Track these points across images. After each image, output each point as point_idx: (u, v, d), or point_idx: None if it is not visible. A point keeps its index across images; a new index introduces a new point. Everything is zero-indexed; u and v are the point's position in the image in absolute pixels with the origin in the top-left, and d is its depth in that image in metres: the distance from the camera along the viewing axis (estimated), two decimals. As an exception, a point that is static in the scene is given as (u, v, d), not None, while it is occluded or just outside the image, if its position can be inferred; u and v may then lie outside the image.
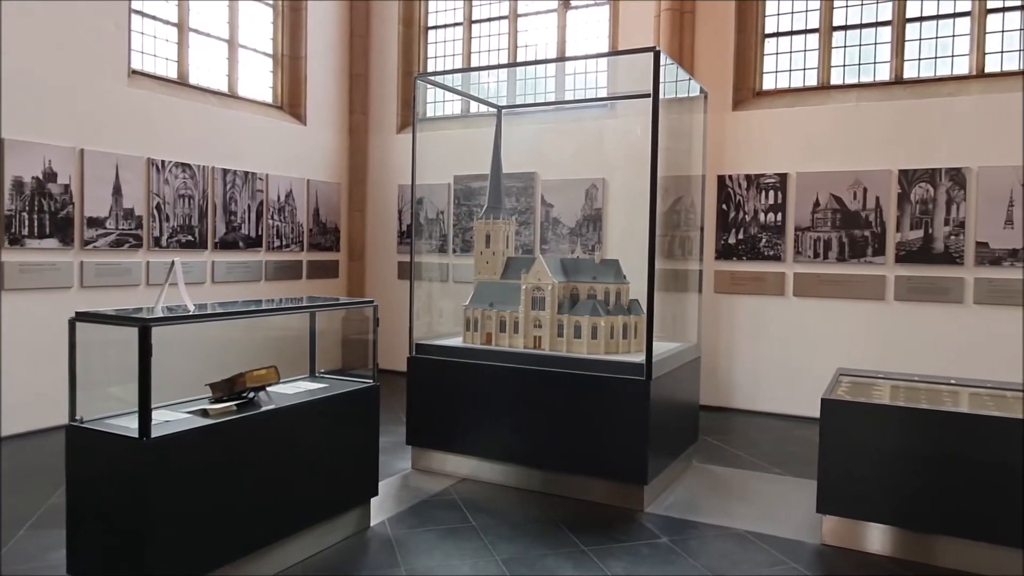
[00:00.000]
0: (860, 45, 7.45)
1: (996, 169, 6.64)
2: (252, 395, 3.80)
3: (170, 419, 3.35)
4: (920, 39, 7.20)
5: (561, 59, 8.91)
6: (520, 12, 9.07)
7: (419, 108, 6.79)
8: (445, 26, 9.62)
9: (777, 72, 7.82)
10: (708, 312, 7.46)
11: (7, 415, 6.07)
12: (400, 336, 5.99)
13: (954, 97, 6.88)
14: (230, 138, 8.18)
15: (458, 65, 9.47)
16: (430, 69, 9.65)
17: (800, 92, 7.67)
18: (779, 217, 7.54)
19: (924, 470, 3.96)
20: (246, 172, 8.35)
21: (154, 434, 3.08)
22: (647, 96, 4.76)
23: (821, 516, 4.30)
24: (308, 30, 9.18)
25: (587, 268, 5.41)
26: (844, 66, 7.53)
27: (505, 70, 8.48)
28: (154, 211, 7.34)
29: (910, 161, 6.99)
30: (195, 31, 8.05)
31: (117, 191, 6.98)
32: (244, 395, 3.75)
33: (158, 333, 3.07)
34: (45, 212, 6.43)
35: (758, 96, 7.83)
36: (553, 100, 8.81)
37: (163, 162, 7.40)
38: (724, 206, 7.79)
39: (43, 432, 6.24)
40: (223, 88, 8.40)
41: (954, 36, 7.06)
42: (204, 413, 3.47)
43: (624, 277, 5.33)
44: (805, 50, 7.69)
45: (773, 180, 7.56)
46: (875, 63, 7.38)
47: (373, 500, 4.48)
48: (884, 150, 7.09)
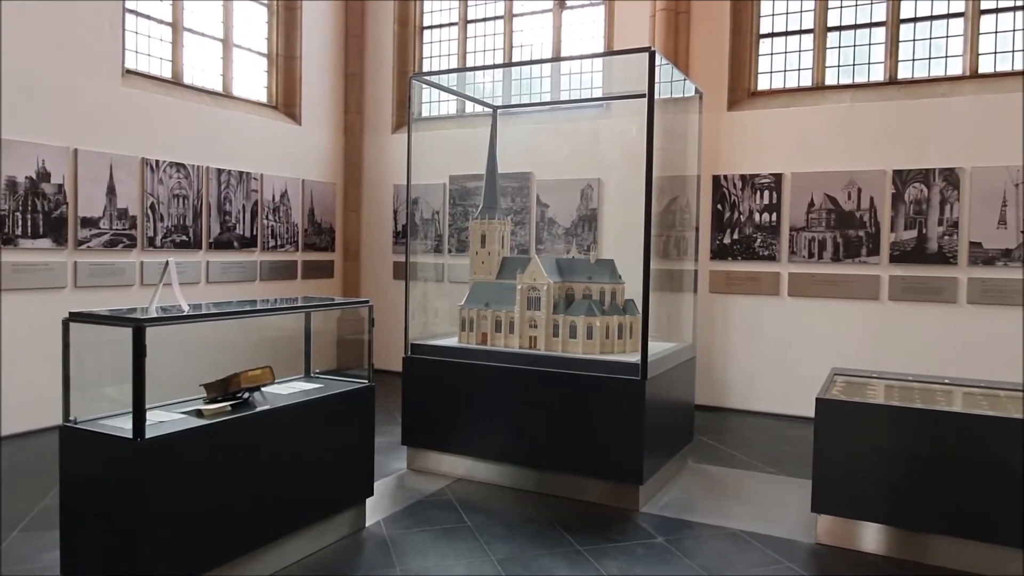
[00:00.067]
0: (854, 46, 7.47)
1: (989, 169, 6.67)
2: (247, 395, 3.79)
3: (164, 420, 3.34)
4: (914, 40, 7.22)
5: (556, 59, 8.91)
6: (515, 12, 9.07)
7: (414, 108, 6.80)
8: (440, 26, 9.62)
9: (772, 72, 7.84)
10: (703, 312, 7.47)
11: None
12: (395, 336, 5.98)
13: (948, 98, 6.91)
14: (225, 138, 8.16)
15: (453, 65, 9.46)
16: (425, 69, 9.64)
17: (795, 92, 7.69)
18: (774, 217, 7.55)
19: (918, 469, 3.98)
20: (241, 172, 8.33)
21: (148, 435, 3.07)
22: (642, 96, 4.77)
23: (816, 515, 4.32)
24: (303, 30, 9.16)
25: (582, 268, 5.41)
26: (839, 67, 7.56)
27: (500, 70, 8.48)
28: (148, 211, 7.31)
29: (904, 161, 7.02)
30: (189, 30, 8.03)
31: (111, 191, 6.96)
32: (239, 395, 3.74)
33: (152, 333, 3.06)
34: (38, 212, 6.40)
35: (753, 96, 7.85)
36: (549, 100, 8.81)
37: (157, 162, 7.38)
38: (719, 206, 7.80)
39: (36, 433, 6.21)
40: (218, 88, 8.38)
41: (948, 37, 7.09)
42: (199, 414, 3.46)
43: (619, 277, 5.33)
44: (800, 50, 7.71)
45: (768, 180, 7.58)
46: (869, 64, 7.41)
47: (368, 500, 4.47)
48: (878, 150, 7.11)
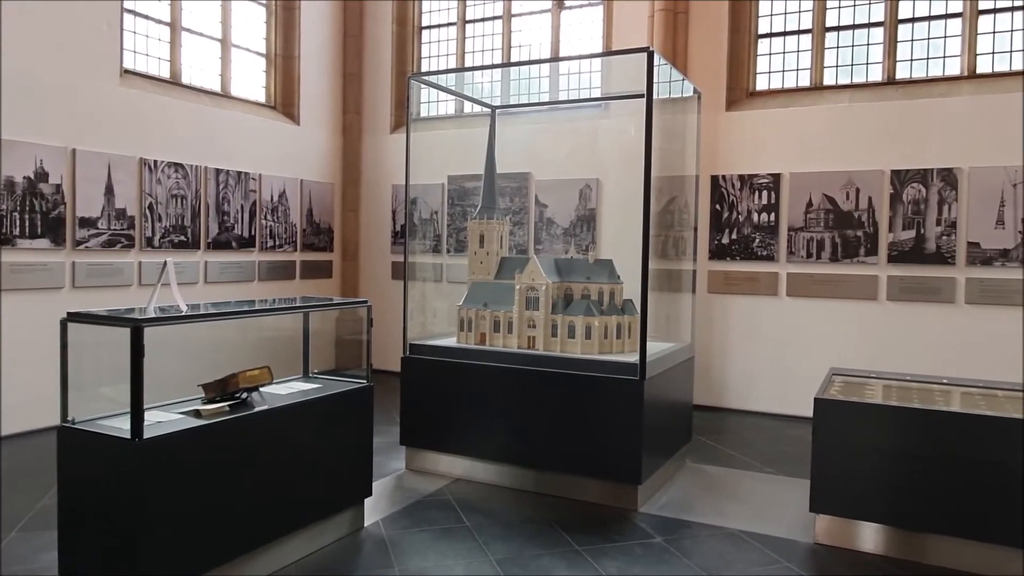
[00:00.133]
0: (853, 46, 7.48)
1: (987, 169, 6.68)
2: (245, 396, 3.78)
3: (162, 420, 3.34)
4: (912, 40, 7.23)
5: (555, 59, 8.91)
6: (514, 12, 9.07)
7: (413, 108, 6.79)
8: (439, 26, 9.61)
9: (770, 73, 7.84)
10: (702, 312, 7.47)
11: (-2, 416, 6.05)
12: (394, 336, 5.98)
13: (946, 98, 6.91)
14: (223, 138, 8.15)
15: (452, 65, 9.46)
16: (424, 69, 9.64)
17: (793, 93, 7.69)
18: (772, 217, 7.56)
19: (917, 469, 3.98)
20: (239, 172, 8.32)
21: (146, 435, 3.07)
22: (641, 96, 4.76)
23: (814, 515, 4.32)
24: (301, 30, 9.16)
25: (581, 268, 5.41)
26: (837, 67, 7.56)
27: (499, 70, 8.48)
28: (146, 211, 7.31)
29: (902, 161, 7.02)
30: (188, 30, 8.02)
31: (109, 191, 6.95)
32: (237, 396, 3.73)
33: (150, 334, 3.06)
34: (36, 212, 6.39)
35: (751, 96, 7.85)
36: (547, 100, 8.81)
37: (155, 162, 7.37)
38: (717, 206, 7.81)
39: (34, 433, 6.20)
40: (216, 88, 8.37)
41: (946, 37, 7.10)
42: (197, 414, 3.46)
43: (618, 277, 5.33)
44: (798, 51, 7.72)
45: (766, 180, 7.58)
46: (867, 64, 7.41)
47: (367, 500, 4.47)
48: (876, 150, 7.12)
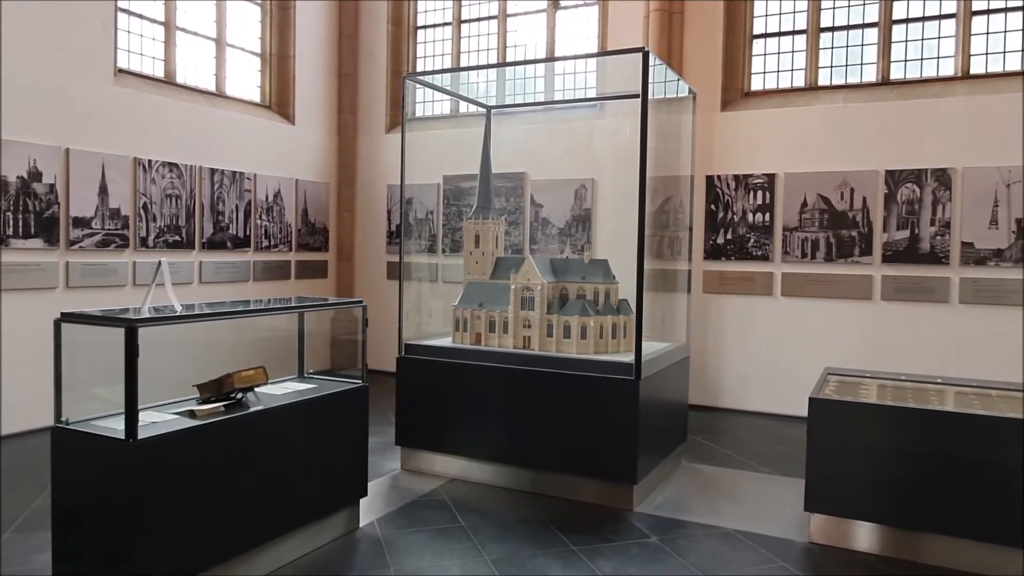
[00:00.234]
0: (847, 46, 7.50)
1: (981, 170, 6.71)
2: (240, 396, 3.78)
3: (157, 420, 3.33)
4: (906, 41, 7.25)
5: (550, 59, 8.91)
6: (509, 12, 9.07)
7: (408, 108, 6.78)
8: (434, 26, 9.61)
9: (765, 73, 7.86)
10: (697, 312, 7.48)
11: (-9, 417, 6.02)
12: (389, 336, 5.97)
13: (940, 98, 6.94)
14: (218, 137, 8.13)
15: (447, 65, 9.46)
16: (419, 69, 9.63)
17: (788, 93, 7.71)
18: (767, 217, 7.57)
19: (911, 468, 3.99)
20: (234, 172, 8.30)
21: (141, 435, 3.06)
22: (636, 96, 4.77)
23: (809, 515, 4.33)
24: (297, 29, 9.14)
25: (576, 268, 5.41)
26: (831, 67, 7.58)
27: (494, 70, 8.48)
28: (141, 211, 7.28)
29: (896, 162, 7.05)
30: (182, 30, 8.00)
31: (103, 191, 6.92)
32: (232, 396, 3.72)
33: (145, 334, 3.05)
34: (30, 212, 6.37)
35: (746, 97, 7.87)
36: (542, 100, 8.81)
37: (150, 162, 7.35)
38: (713, 206, 7.82)
39: (28, 434, 6.18)
40: (211, 87, 8.35)
41: (939, 38, 7.12)
42: (191, 414, 3.45)
43: (613, 277, 5.33)
44: (793, 51, 7.73)
45: (761, 180, 7.60)
46: (862, 64, 7.43)
47: (362, 501, 4.46)
48: (871, 151, 7.14)
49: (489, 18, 9.21)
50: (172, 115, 7.62)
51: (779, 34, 7.79)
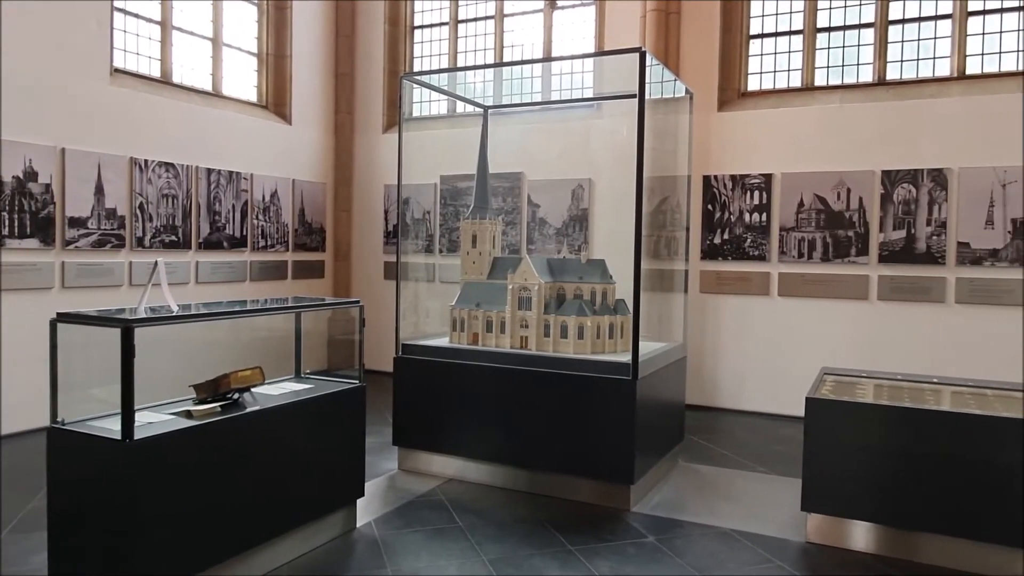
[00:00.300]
0: (844, 47, 7.51)
1: (977, 170, 6.72)
2: (237, 396, 3.77)
3: (153, 421, 3.32)
4: (902, 41, 7.27)
5: (547, 59, 8.91)
6: (506, 12, 9.06)
7: (405, 108, 6.78)
8: (431, 26, 9.60)
9: (762, 73, 7.87)
10: (694, 312, 7.49)
11: (-13, 417, 6.01)
12: (386, 336, 5.96)
13: (936, 99, 6.95)
14: (214, 137, 8.12)
15: (444, 65, 9.45)
16: (416, 69, 9.62)
17: (784, 93, 7.72)
18: (764, 217, 7.58)
19: (907, 468, 4.00)
20: (230, 172, 8.29)
21: (137, 436, 3.05)
22: (633, 97, 4.77)
23: (806, 514, 4.33)
24: (293, 29, 9.13)
25: (573, 268, 5.42)
26: (828, 67, 7.59)
27: (491, 70, 8.48)
28: (137, 211, 7.27)
29: (893, 162, 7.06)
30: (179, 29, 7.98)
31: (99, 191, 6.91)
32: (229, 396, 3.72)
33: (141, 334, 3.05)
34: (26, 212, 6.35)
35: (743, 97, 7.88)
36: (539, 100, 8.81)
37: (146, 161, 7.33)
38: (709, 206, 7.83)
39: (24, 435, 6.16)
40: (207, 87, 8.33)
41: (936, 38, 7.14)
42: (188, 414, 3.44)
43: (610, 277, 5.34)
44: (789, 51, 7.74)
45: (758, 180, 7.61)
46: (858, 65, 7.45)
47: (359, 501, 4.46)
48: (867, 151, 7.15)
49: (486, 18, 9.21)
50: (168, 115, 7.61)
51: (776, 34, 7.80)
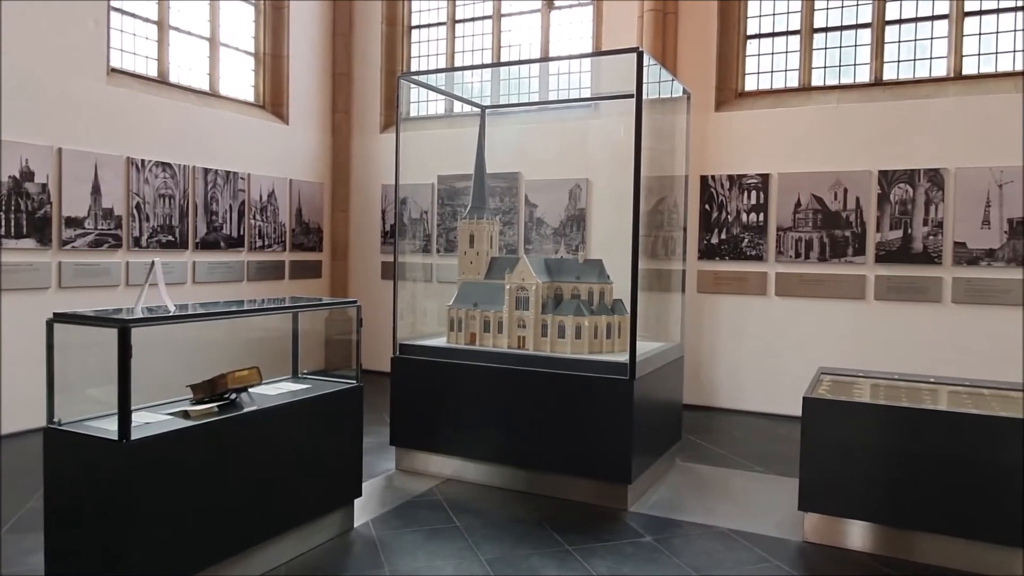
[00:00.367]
0: (840, 47, 7.53)
1: (973, 170, 6.74)
2: (234, 396, 3.77)
3: (150, 421, 3.32)
4: (899, 41, 7.28)
5: (545, 59, 8.92)
6: (504, 12, 9.07)
7: (403, 108, 6.78)
8: (428, 25, 9.60)
9: (759, 73, 7.88)
10: (691, 312, 7.50)
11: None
12: (384, 336, 5.96)
13: (932, 99, 6.97)
14: (211, 137, 8.11)
15: (442, 65, 9.45)
16: (413, 68, 9.62)
17: (781, 93, 7.73)
18: (761, 217, 7.59)
19: (904, 467, 4.01)
20: (227, 172, 8.28)
21: (134, 436, 3.05)
22: (630, 96, 4.78)
23: (803, 513, 4.34)
24: (290, 29, 9.12)
25: (571, 268, 5.42)
26: (825, 68, 7.61)
27: (489, 70, 8.47)
28: (134, 211, 7.26)
29: (889, 162, 7.07)
30: (175, 29, 7.97)
31: (96, 190, 6.90)
32: (226, 396, 3.71)
33: (138, 334, 3.04)
34: (22, 212, 6.33)
35: (740, 97, 7.89)
36: (537, 100, 8.81)
37: (143, 161, 7.32)
38: (707, 206, 7.83)
39: (20, 435, 6.15)
40: (204, 87, 8.32)
41: (932, 39, 7.15)
42: (185, 415, 3.44)
43: (608, 277, 5.34)
44: (787, 52, 7.76)
45: (755, 180, 7.62)
46: (855, 65, 7.46)
47: (357, 501, 4.46)
48: (864, 151, 7.16)
49: (483, 18, 9.21)
50: (165, 115, 7.59)
51: (773, 35, 7.81)
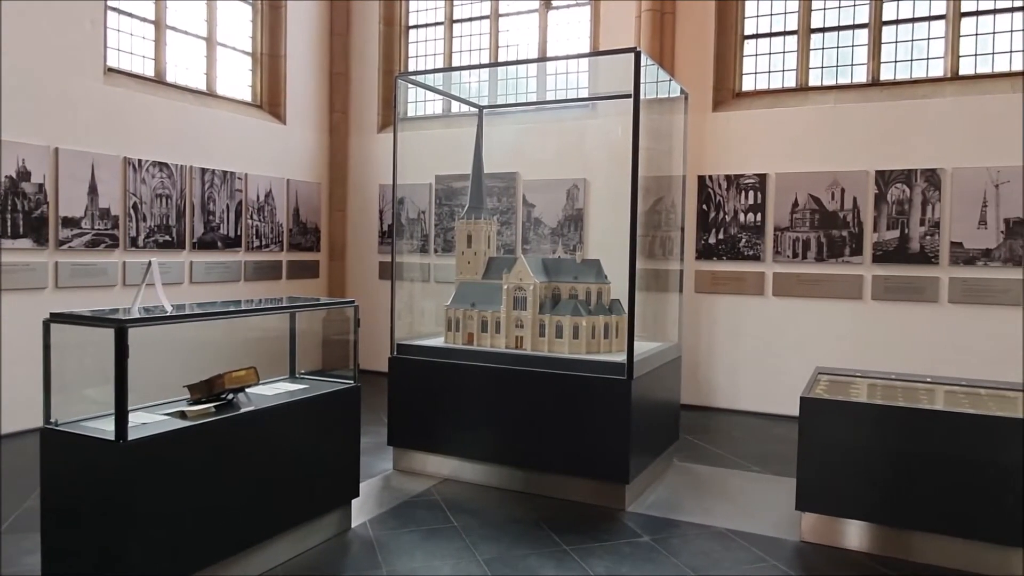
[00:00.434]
0: (838, 47, 7.54)
1: (970, 170, 6.75)
2: (231, 396, 3.76)
3: (147, 421, 3.31)
4: (896, 42, 7.29)
5: (542, 59, 8.92)
6: (501, 12, 9.06)
7: (400, 108, 6.77)
8: (426, 25, 9.60)
9: (756, 73, 7.89)
10: (689, 312, 7.50)
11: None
12: (381, 336, 5.96)
13: (929, 99, 6.98)
14: (208, 137, 8.09)
15: (439, 65, 9.45)
16: (411, 68, 9.61)
17: (779, 93, 7.74)
18: (758, 217, 7.60)
19: (901, 467, 4.01)
20: (225, 171, 8.27)
21: (131, 436, 3.04)
22: (628, 97, 4.78)
23: (800, 513, 4.34)
24: (288, 28, 9.11)
25: (568, 268, 5.42)
26: (822, 68, 7.62)
27: (486, 70, 8.47)
28: (131, 211, 7.24)
29: (886, 162, 7.08)
30: (173, 29, 7.96)
31: (93, 190, 6.88)
32: (223, 397, 3.71)
33: (135, 334, 3.03)
34: (19, 212, 6.32)
35: (738, 97, 7.89)
36: (535, 100, 8.82)
37: (140, 161, 7.31)
38: (704, 206, 7.84)
39: (17, 435, 6.13)
40: (201, 86, 8.31)
41: (929, 39, 7.17)
42: (182, 415, 3.43)
43: (605, 277, 5.34)
44: (784, 52, 7.76)
45: (752, 180, 7.62)
46: (852, 65, 7.47)
47: (354, 501, 4.45)
48: (861, 151, 7.17)
49: (481, 18, 9.21)
50: (162, 114, 7.58)
51: (770, 35, 7.82)
